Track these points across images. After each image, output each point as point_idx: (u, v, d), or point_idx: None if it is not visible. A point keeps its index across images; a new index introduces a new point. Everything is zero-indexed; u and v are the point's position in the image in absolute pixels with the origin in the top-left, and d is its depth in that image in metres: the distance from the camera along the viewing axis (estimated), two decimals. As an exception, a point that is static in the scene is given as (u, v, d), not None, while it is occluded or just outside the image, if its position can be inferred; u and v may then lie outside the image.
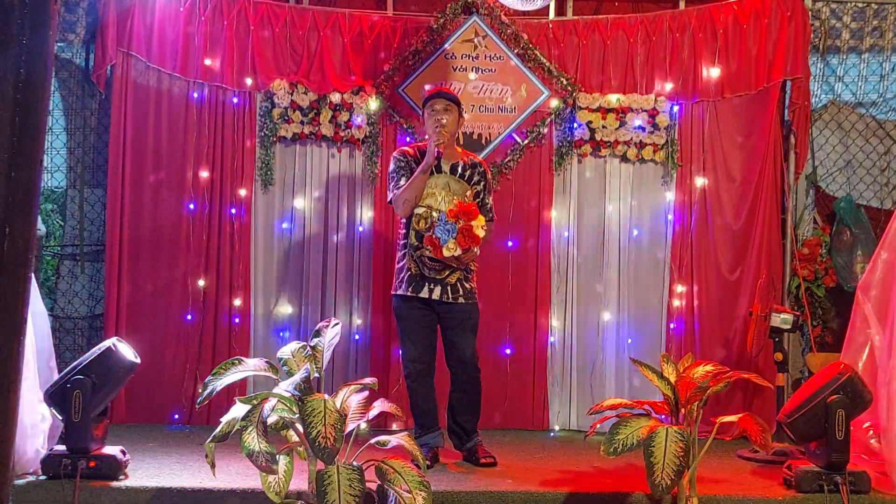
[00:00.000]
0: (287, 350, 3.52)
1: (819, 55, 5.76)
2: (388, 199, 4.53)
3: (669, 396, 3.64)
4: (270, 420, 3.18)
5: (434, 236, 4.22)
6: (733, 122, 5.58)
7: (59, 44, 5.50)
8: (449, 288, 4.38)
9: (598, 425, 3.88)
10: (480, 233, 4.24)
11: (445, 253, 4.20)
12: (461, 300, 4.41)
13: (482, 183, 4.52)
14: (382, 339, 5.52)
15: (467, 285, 4.44)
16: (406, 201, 4.37)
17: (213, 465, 3.24)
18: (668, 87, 5.58)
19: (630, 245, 5.62)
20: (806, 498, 3.80)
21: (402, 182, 4.41)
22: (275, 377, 3.44)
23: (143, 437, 4.84)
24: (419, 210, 4.39)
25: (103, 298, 5.44)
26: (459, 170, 4.48)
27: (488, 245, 5.06)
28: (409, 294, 4.39)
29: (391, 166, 4.54)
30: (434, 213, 4.34)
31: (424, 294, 4.37)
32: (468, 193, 4.40)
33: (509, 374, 5.55)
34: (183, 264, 5.46)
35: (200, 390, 3.30)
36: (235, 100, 5.54)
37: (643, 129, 5.56)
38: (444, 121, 4.39)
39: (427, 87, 5.34)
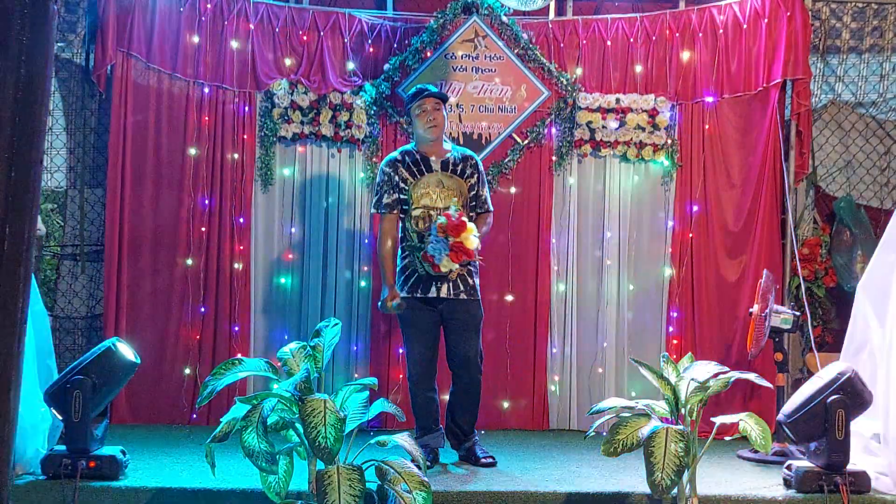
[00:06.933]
0: (287, 350, 3.52)
1: (819, 55, 5.76)
2: (372, 210, 4.51)
3: (669, 396, 3.64)
4: (270, 420, 3.18)
5: (428, 254, 4.23)
6: (733, 122, 5.58)
7: (59, 44, 5.50)
8: (451, 284, 4.37)
9: (598, 425, 3.88)
10: (472, 244, 4.23)
11: (443, 269, 4.23)
12: (463, 296, 4.40)
13: (475, 175, 4.51)
14: (382, 339, 5.52)
15: (470, 281, 4.43)
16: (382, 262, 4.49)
17: (213, 465, 3.24)
18: (668, 86, 5.58)
19: (630, 245, 5.62)
20: (806, 498, 3.80)
21: (385, 199, 4.43)
22: (275, 377, 3.44)
23: (143, 437, 4.84)
24: (416, 212, 4.40)
25: (103, 298, 5.44)
26: (451, 165, 4.47)
27: (488, 245, 5.07)
28: (417, 296, 4.40)
29: (378, 178, 4.54)
30: (432, 213, 4.35)
31: (432, 293, 4.37)
32: (454, 198, 4.36)
33: (509, 374, 5.55)
34: (183, 264, 5.46)
35: (200, 390, 3.30)
36: (235, 100, 5.54)
37: (643, 129, 5.56)
38: (437, 120, 4.42)
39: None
